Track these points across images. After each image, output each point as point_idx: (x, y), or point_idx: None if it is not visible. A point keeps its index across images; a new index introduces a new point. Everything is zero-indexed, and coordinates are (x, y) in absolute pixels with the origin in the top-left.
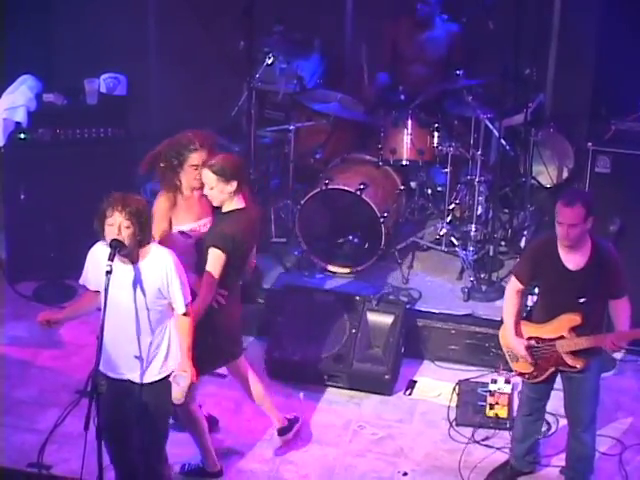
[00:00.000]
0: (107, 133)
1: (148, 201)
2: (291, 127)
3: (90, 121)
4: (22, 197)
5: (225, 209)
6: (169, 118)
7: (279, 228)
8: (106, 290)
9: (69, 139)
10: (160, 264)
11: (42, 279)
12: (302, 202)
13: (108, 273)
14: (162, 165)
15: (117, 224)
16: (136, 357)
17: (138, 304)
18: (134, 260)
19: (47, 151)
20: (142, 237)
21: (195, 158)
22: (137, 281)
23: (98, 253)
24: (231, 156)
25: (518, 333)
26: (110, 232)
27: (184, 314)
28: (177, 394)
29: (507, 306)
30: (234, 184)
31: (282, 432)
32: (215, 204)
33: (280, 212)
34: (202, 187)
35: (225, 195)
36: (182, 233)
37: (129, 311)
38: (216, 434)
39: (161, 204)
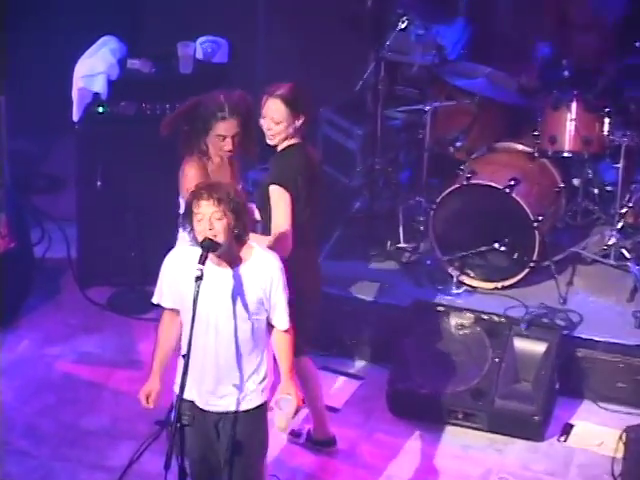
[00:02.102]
0: None
1: (249, 192)
2: (427, 107)
3: (183, 93)
4: (99, 184)
5: (282, 146)
6: None
7: (408, 231)
8: (195, 301)
9: (157, 114)
10: (265, 269)
11: (120, 284)
12: (438, 200)
13: (198, 279)
14: (185, 128)
15: (207, 217)
16: (231, 381)
17: (236, 318)
18: (234, 262)
19: (130, 128)
20: (239, 230)
21: (223, 128)
22: (237, 290)
23: (179, 259)
24: (298, 85)
25: None
26: (201, 229)
27: (286, 330)
28: (281, 422)
29: None
30: (302, 119)
31: (313, 440)
32: (272, 142)
33: (410, 212)
34: (232, 153)
35: (289, 131)
36: None
37: (224, 327)
38: None
39: (191, 171)
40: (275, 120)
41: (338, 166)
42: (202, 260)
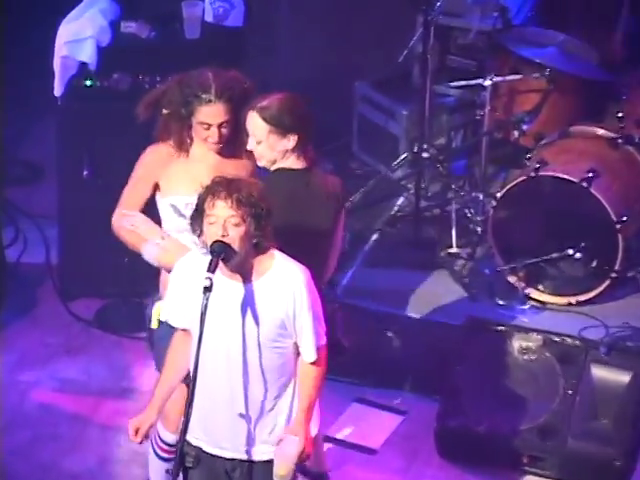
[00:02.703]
0: None
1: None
2: (486, 82)
3: (188, 63)
4: (85, 174)
5: (273, 168)
6: (304, 63)
7: (463, 233)
8: (203, 317)
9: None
10: (287, 284)
11: (110, 296)
12: (499, 195)
13: (207, 290)
14: (164, 112)
15: (221, 220)
16: (247, 421)
17: (249, 342)
18: (247, 275)
19: (124, 106)
20: (259, 239)
21: (206, 114)
22: (251, 307)
23: (187, 268)
24: (290, 97)
25: None
26: (212, 233)
27: (313, 362)
28: (281, 469)
29: None
30: (293, 139)
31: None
32: (261, 164)
33: (465, 209)
34: (219, 143)
35: (275, 154)
36: (173, 208)
37: (236, 354)
38: None
39: (148, 157)
40: (255, 139)
41: (376, 153)
42: (212, 268)
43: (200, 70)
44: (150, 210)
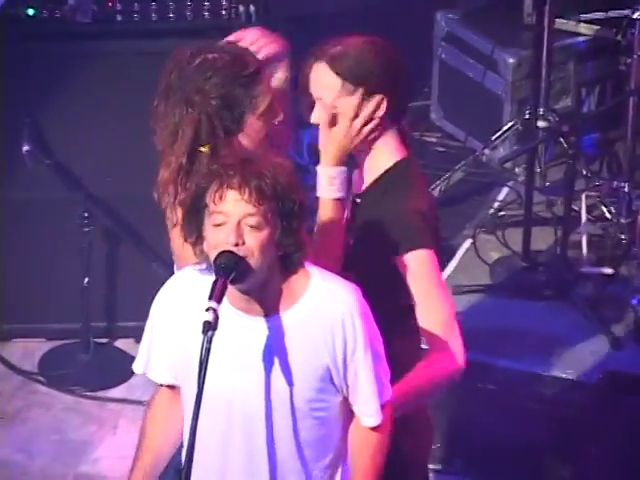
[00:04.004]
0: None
1: (305, 169)
2: (637, 14)
3: None
4: (25, 150)
5: (379, 165)
6: None
7: (599, 242)
8: (203, 368)
9: (135, 23)
10: (332, 313)
11: (61, 335)
12: None
13: (209, 327)
14: (203, 149)
15: (234, 220)
16: None
17: (277, 406)
18: (272, 304)
19: (85, 48)
20: (290, 249)
21: (266, 86)
22: (278, 353)
23: (177, 294)
24: (373, 42)
25: None
26: (218, 241)
27: (375, 427)
28: None
29: None
30: (382, 105)
31: None
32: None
33: (603, 206)
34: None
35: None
36: None
37: (255, 421)
38: None
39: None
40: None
41: (467, 122)
42: (217, 294)
43: (207, 45)
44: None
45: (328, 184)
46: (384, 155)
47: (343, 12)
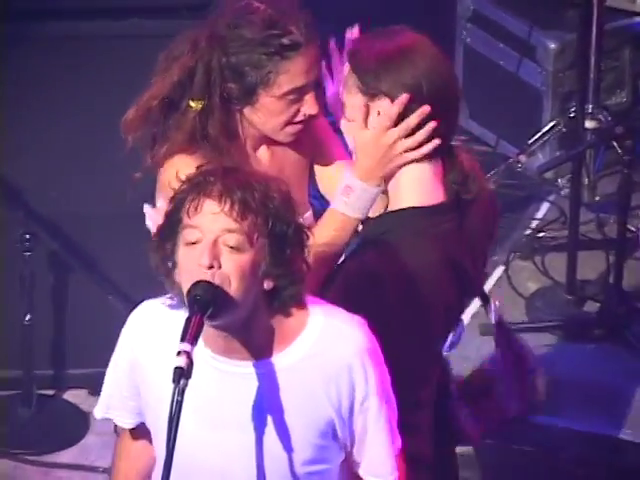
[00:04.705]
0: None
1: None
2: None
3: None
4: None
5: (395, 202)
6: None
7: None
8: (173, 423)
9: (88, 1)
10: (336, 355)
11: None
12: None
13: (180, 374)
14: (195, 105)
15: (210, 236)
16: None
17: (270, 471)
18: (260, 346)
19: (27, 31)
20: (279, 280)
21: (299, 69)
22: (269, 407)
23: (143, 331)
24: (423, 43)
25: None
26: (191, 265)
27: None
28: None
29: None
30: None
31: None
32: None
33: None
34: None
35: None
36: None
37: None
38: None
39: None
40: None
41: (499, 122)
42: (190, 334)
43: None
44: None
45: (354, 199)
46: (401, 191)
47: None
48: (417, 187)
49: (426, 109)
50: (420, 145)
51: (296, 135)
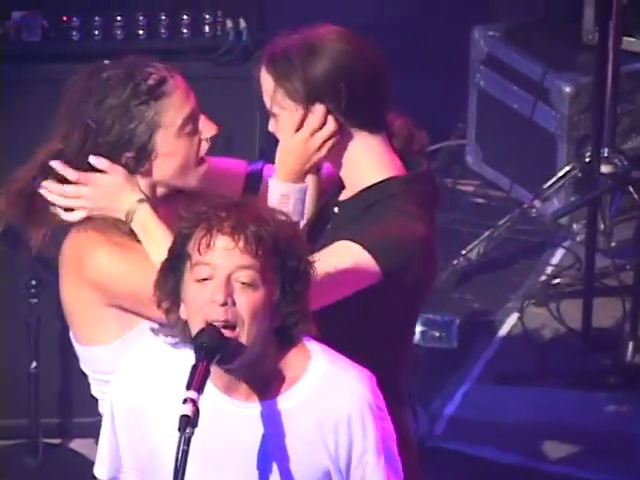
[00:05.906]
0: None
1: None
2: None
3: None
4: None
5: (357, 180)
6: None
7: None
8: (179, 474)
9: (95, 44)
10: (333, 407)
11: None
12: None
13: (186, 423)
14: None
15: (223, 273)
16: None
17: None
18: (262, 386)
19: (33, 71)
20: (289, 318)
21: (179, 97)
22: (274, 449)
23: (147, 376)
24: (338, 32)
25: None
26: (200, 305)
27: None
28: None
29: None
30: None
31: None
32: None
33: None
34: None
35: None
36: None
37: None
38: None
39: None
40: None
41: (512, 166)
42: (196, 382)
43: (98, 66)
44: None
45: (280, 202)
46: (361, 169)
47: (351, 25)
48: (375, 162)
49: (320, 108)
50: (329, 138)
51: (205, 175)
